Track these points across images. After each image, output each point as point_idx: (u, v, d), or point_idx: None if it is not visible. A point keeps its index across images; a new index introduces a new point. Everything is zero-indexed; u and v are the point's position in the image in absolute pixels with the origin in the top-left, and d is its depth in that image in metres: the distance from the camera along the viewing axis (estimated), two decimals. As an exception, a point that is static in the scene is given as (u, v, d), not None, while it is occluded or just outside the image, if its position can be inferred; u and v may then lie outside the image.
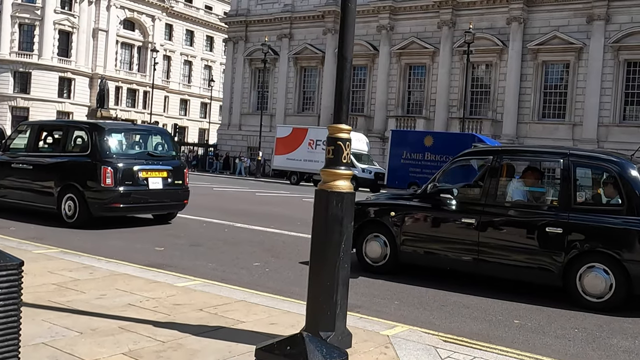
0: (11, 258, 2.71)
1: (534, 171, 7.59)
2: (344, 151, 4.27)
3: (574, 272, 6.60)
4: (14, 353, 2.80)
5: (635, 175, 6.60)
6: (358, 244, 7.94)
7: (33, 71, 56.92)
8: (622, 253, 6.40)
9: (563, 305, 6.66)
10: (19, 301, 2.73)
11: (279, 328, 4.82)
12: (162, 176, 10.87)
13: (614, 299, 6.42)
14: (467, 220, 7.22)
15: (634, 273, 6.33)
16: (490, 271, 7.28)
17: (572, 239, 6.63)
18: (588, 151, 7.72)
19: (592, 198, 7.45)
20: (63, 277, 6.08)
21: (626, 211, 6.53)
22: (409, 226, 7.71)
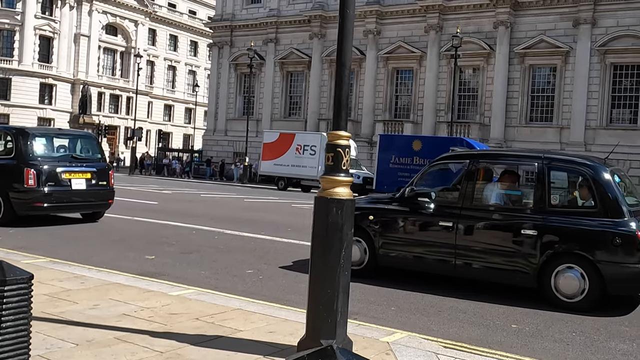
0: (21, 272, 2.65)
1: (510, 174, 7.70)
2: (344, 158, 4.23)
3: (549, 273, 6.71)
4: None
5: (608, 179, 6.72)
6: None
7: (13, 77, 56.31)
8: (595, 254, 6.54)
9: (559, 309, 6.67)
10: (29, 315, 2.67)
11: (278, 336, 4.76)
12: (86, 177, 11.64)
13: (587, 299, 6.55)
14: (445, 223, 7.31)
15: (606, 274, 6.46)
16: (467, 274, 7.37)
17: (546, 241, 6.75)
18: (562, 155, 7.87)
19: (567, 201, 7.54)
20: (54, 288, 5.97)
21: (599, 213, 6.66)
22: (387, 230, 7.77)
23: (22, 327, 2.63)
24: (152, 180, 34.08)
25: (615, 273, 6.48)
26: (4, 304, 2.55)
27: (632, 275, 6.46)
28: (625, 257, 6.47)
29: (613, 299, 6.91)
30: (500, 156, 8.65)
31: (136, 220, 13.05)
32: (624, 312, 6.77)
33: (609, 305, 6.78)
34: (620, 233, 6.45)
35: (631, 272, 6.44)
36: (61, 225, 11.60)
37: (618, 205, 6.59)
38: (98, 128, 51.24)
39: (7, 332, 2.55)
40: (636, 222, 6.55)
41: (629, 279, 6.49)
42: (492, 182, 7.70)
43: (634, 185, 8.03)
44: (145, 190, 24.54)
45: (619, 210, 6.57)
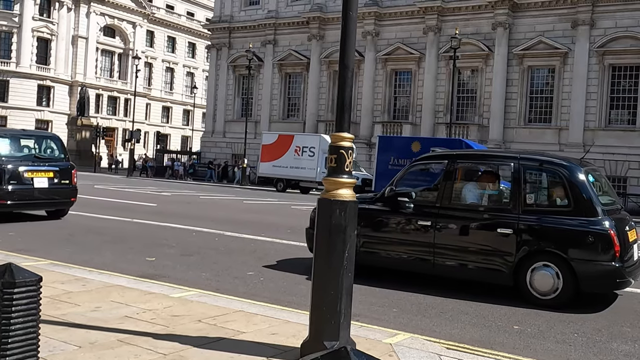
0: (30, 274, 2.64)
1: (487, 174, 7.84)
2: (347, 159, 4.23)
3: (524, 271, 6.85)
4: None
5: (582, 179, 6.86)
6: None
7: (11, 79, 56.22)
8: (569, 252, 6.68)
9: (561, 310, 6.67)
10: (37, 317, 2.66)
11: (281, 338, 4.75)
12: (48, 176, 12.11)
13: (562, 296, 6.69)
14: (423, 222, 7.44)
15: (580, 271, 6.61)
16: (445, 272, 7.49)
17: (521, 240, 6.89)
18: (538, 155, 7.96)
19: (542, 200, 7.64)
20: (55, 290, 5.95)
21: (573, 213, 6.81)
22: (368, 229, 7.84)
23: (32, 329, 2.62)
24: (152, 183, 34.05)
25: (588, 271, 6.62)
26: (13, 306, 2.56)
27: (604, 273, 6.60)
28: (598, 255, 6.61)
29: (589, 296, 7.04)
30: (477, 157, 8.78)
31: (135, 222, 13.04)
32: (598, 309, 6.86)
33: (583, 302, 6.89)
34: (594, 232, 6.60)
35: (604, 270, 6.58)
36: (44, 224, 11.59)
37: (592, 205, 6.73)
38: (96, 130, 51.14)
39: (17, 335, 2.55)
40: (610, 221, 6.69)
41: (602, 276, 6.63)
42: (469, 182, 7.84)
43: (610, 185, 8.18)
44: (143, 192, 24.52)
45: (592, 209, 6.72)
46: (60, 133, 58.46)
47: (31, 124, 56.98)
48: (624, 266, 6.64)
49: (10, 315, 2.59)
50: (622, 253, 6.62)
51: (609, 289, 7.07)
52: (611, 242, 6.55)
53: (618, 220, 6.95)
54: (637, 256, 7.11)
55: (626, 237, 6.85)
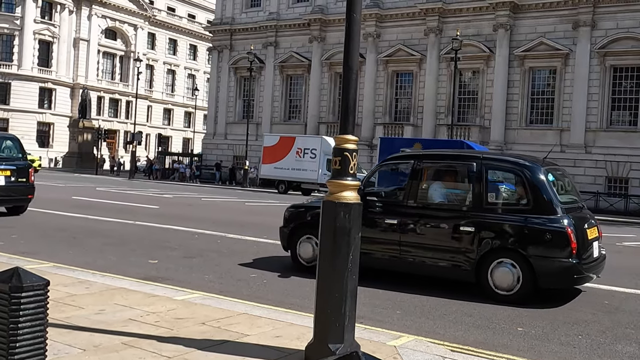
0: (37, 278, 2.64)
1: (451, 174, 8.08)
2: (351, 162, 4.23)
3: (486, 268, 7.05)
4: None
5: (542, 178, 7.07)
6: (292, 245, 8.45)
7: (13, 82, 56.26)
8: (527, 250, 6.89)
9: (564, 312, 6.67)
10: (45, 321, 2.66)
11: (285, 340, 4.75)
12: (5, 174, 12.84)
13: (521, 291, 6.88)
14: (390, 221, 7.64)
15: (538, 268, 6.83)
16: (412, 269, 7.70)
17: (483, 237, 7.10)
18: (500, 155, 8.21)
19: (503, 199, 7.75)
20: (59, 293, 5.94)
21: (533, 211, 7.02)
22: None
23: (39, 333, 2.62)
24: (154, 185, 34.06)
25: (546, 267, 6.83)
26: (21, 311, 2.55)
27: (561, 270, 6.80)
28: (556, 252, 6.82)
29: (553, 292, 7.30)
30: (441, 157, 8.93)
31: (138, 225, 13.04)
32: (557, 304, 6.98)
33: (544, 297, 7.11)
34: (551, 229, 6.81)
35: (561, 266, 6.78)
36: (45, 226, 11.59)
37: (550, 204, 6.93)
38: (98, 132, 51.16)
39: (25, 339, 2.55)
40: (568, 219, 6.88)
41: (559, 273, 6.83)
42: (434, 181, 8.05)
43: (573, 184, 8.37)
44: (145, 194, 24.53)
45: (551, 208, 6.92)
46: (62, 135, 58.65)
47: (33, 126, 57.09)
48: (581, 263, 6.82)
49: (18, 319, 2.59)
50: (579, 250, 6.80)
51: (567, 284, 7.25)
52: (568, 239, 6.74)
53: (577, 218, 7.14)
54: (597, 253, 7.34)
55: (585, 235, 7.04)
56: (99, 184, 30.32)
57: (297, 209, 8.77)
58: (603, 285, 8.41)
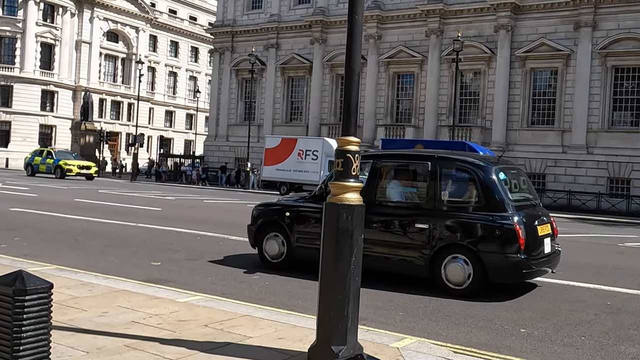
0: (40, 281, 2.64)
1: (408, 173, 8.34)
2: (353, 163, 4.23)
3: (439, 263, 7.32)
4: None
5: (492, 177, 7.34)
6: (259, 242, 8.77)
7: (15, 84, 56.36)
8: (478, 245, 7.16)
9: (566, 314, 6.66)
10: (48, 324, 2.66)
11: (287, 342, 4.75)
12: None
13: (472, 286, 7.15)
14: None
15: (488, 263, 7.09)
16: (371, 265, 7.69)
17: (436, 234, 7.40)
18: (453, 154, 8.40)
19: (456, 197, 7.90)
20: (62, 295, 5.95)
21: (484, 208, 7.28)
22: (301, 225, 8.43)
23: (43, 336, 2.62)
24: (156, 187, 34.09)
25: (495, 262, 7.09)
26: (25, 314, 2.55)
27: (510, 265, 7.06)
28: (505, 248, 7.07)
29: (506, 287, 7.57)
30: (398, 156, 9.12)
31: (140, 227, 13.05)
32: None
33: (494, 292, 7.33)
34: (500, 226, 7.07)
35: (510, 261, 7.04)
36: (48, 228, 11.60)
37: (500, 201, 7.20)
38: (100, 134, 51.21)
39: (28, 342, 2.55)
40: (518, 216, 7.14)
41: (508, 267, 7.10)
42: (392, 180, 8.28)
43: (529, 183, 8.60)
44: (147, 196, 24.55)
45: (501, 205, 7.18)
46: (64, 138, 58.75)
47: (35, 129, 57.17)
48: (529, 258, 7.08)
49: (21, 322, 2.59)
50: (528, 246, 7.05)
51: (516, 279, 7.46)
52: (516, 236, 6.99)
53: (528, 215, 7.38)
54: (550, 249, 7.64)
55: (535, 232, 7.32)
56: (101, 186, 30.35)
57: (264, 208, 9.10)
58: (605, 286, 8.42)
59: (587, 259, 11.81)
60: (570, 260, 11.26)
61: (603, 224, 23.64)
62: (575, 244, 14.74)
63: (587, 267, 10.49)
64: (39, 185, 27.78)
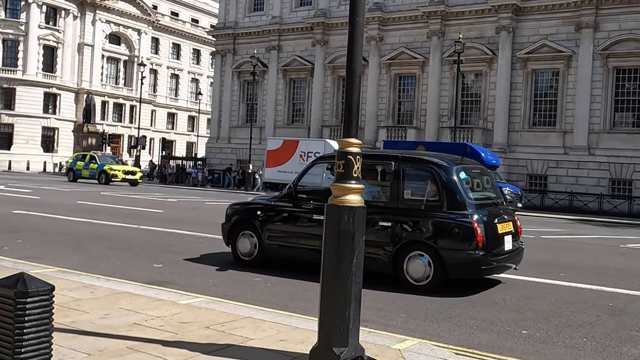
0: (42, 283, 2.65)
1: (372, 173, 8.31)
2: (355, 165, 4.23)
3: (401, 260, 7.57)
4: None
5: (453, 177, 7.58)
6: (232, 240, 9.01)
7: (17, 87, 56.43)
8: (438, 243, 7.41)
9: (568, 315, 6.66)
10: (50, 326, 2.67)
11: (289, 344, 4.75)
12: None
13: (433, 282, 7.40)
14: (318, 217, 8.00)
15: (447, 260, 7.33)
16: None
17: (399, 232, 7.63)
18: (416, 154, 8.70)
19: (418, 196, 8.09)
20: (64, 297, 5.96)
21: (444, 207, 7.52)
22: (271, 223, 8.70)
23: (44, 338, 2.63)
24: (158, 189, 34.12)
25: (454, 259, 7.33)
26: (26, 316, 2.56)
27: (469, 261, 7.30)
28: (463, 245, 7.30)
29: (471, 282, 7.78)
30: (364, 157, 9.26)
31: (142, 229, 13.06)
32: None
33: (455, 288, 7.54)
34: (459, 224, 7.32)
35: (468, 258, 7.28)
36: (51, 231, 11.62)
37: (460, 200, 7.45)
38: (102, 137, 51.30)
39: (30, 344, 2.56)
40: (478, 214, 7.38)
41: (466, 264, 7.34)
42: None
43: (492, 182, 8.77)
44: (150, 198, 24.57)
45: (460, 204, 7.43)
46: (67, 140, 58.89)
47: (38, 131, 57.24)
48: (487, 255, 7.30)
49: (23, 324, 2.59)
50: (486, 243, 7.28)
51: (474, 275, 7.68)
52: (474, 233, 7.22)
53: (488, 214, 7.63)
54: (511, 246, 7.83)
55: (495, 229, 7.54)
56: (103, 189, 30.38)
57: (237, 207, 9.35)
58: (607, 287, 8.41)
59: (589, 260, 11.80)
60: (572, 262, 11.26)
61: (605, 225, 23.61)
62: (577, 245, 14.73)
63: (589, 269, 10.47)
64: (41, 187, 27.84)
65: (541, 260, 11.02)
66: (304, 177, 8.71)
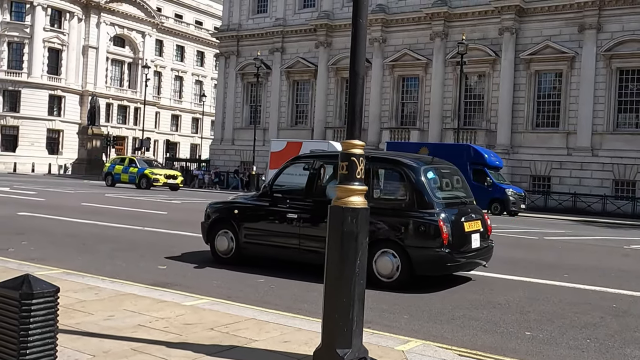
0: (47, 285, 2.67)
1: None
2: (358, 167, 4.24)
3: (371, 257, 7.38)
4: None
5: (421, 177, 7.77)
6: (211, 239, 9.25)
7: (22, 89, 56.67)
8: (405, 241, 7.62)
9: (572, 316, 6.65)
10: (55, 328, 2.68)
11: (293, 346, 4.76)
12: None
13: (401, 278, 7.58)
14: (291, 215, 8.40)
15: (414, 257, 7.53)
16: (309, 259, 8.32)
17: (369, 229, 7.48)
18: (385, 154, 8.87)
19: (387, 194, 8.43)
20: (69, 299, 5.98)
21: (412, 206, 7.71)
22: (247, 222, 8.94)
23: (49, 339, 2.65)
24: (162, 191, 34.18)
25: (420, 256, 7.53)
26: (31, 317, 2.58)
27: (435, 258, 7.50)
28: (429, 242, 7.51)
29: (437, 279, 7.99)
30: (335, 156, 9.77)
31: (146, 230, 13.10)
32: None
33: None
34: (425, 222, 7.53)
35: (434, 255, 7.49)
36: (56, 233, 11.67)
37: (427, 199, 7.65)
38: (106, 139, 51.44)
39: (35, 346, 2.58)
40: (445, 213, 7.59)
41: (432, 261, 7.54)
42: (329, 179, 8.75)
43: (463, 181, 8.93)
44: (154, 200, 24.63)
45: (427, 203, 7.63)
46: (72, 142, 59.05)
47: (43, 133, 57.45)
48: (453, 252, 7.52)
49: (28, 326, 2.61)
50: (452, 241, 7.49)
51: (440, 272, 7.87)
52: (439, 231, 7.43)
53: (455, 213, 7.83)
54: (479, 244, 8.02)
55: (462, 228, 7.74)
56: (108, 190, 30.46)
57: (215, 206, 9.60)
58: (611, 288, 8.40)
59: (592, 261, 11.79)
60: (576, 263, 11.25)
61: (608, 227, 23.56)
62: (580, 247, 14.71)
63: (593, 270, 10.46)
64: (46, 189, 27.93)
65: (545, 261, 11.02)
66: (280, 176, 8.96)
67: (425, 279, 7.95)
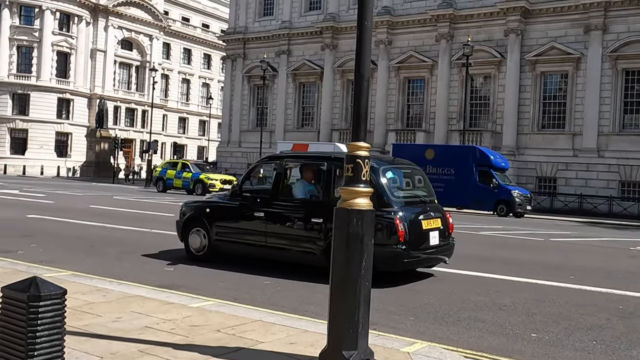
0: (54, 287, 2.71)
1: (307, 172, 8.93)
2: (363, 169, 4.27)
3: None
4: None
5: (380, 176, 7.99)
6: (185, 236, 9.58)
7: (32, 93, 56.98)
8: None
9: (578, 318, 6.64)
10: (62, 330, 2.72)
11: (299, 347, 4.79)
12: None
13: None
14: (258, 214, 8.71)
15: (375, 253, 7.50)
16: (275, 256, 8.72)
17: (329, 227, 7.73)
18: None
19: None
20: (77, 301, 6.03)
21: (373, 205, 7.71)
22: (218, 221, 9.24)
23: (57, 341, 2.68)
24: (168, 193, 34.28)
25: (378, 253, 7.46)
26: (39, 319, 2.61)
27: (391, 255, 7.72)
28: (386, 240, 7.68)
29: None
30: (300, 157, 9.90)
31: (154, 233, 13.16)
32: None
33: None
34: (382, 220, 7.60)
35: (391, 252, 7.70)
36: (64, 235, 11.73)
37: (385, 199, 7.83)
38: (114, 141, 51.64)
39: (43, 347, 2.61)
40: (402, 212, 7.86)
41: (389, 257, 7.70)
42: (294, 178, 9.12)
43: (426, 181, 9.17)
44: (161, 202, 24.71)
45: (385, 202, 7.79)
46: (80, 145, 59.36)
47: (51, 136, 57.74)
48: (410, 249, 7.79)
49: (36, 328, 2.64)
50: (409, 238, 7.75)
51: (397, 268, 8.09)
52: (395, 229, 7.69)
53: (412, 211, 8.09)
54: (437, 241, 8.29)
55: (419, 226, 8.02)
56: (116, 193, 30.58)
57: (189, 205, 9.89)
58: (617, 290, 8.39)
59: (598, 262, 11.76)
60: (582, 264, 11.22)
61: (615, 228, 23.46)
62: (586, 248, 14.66)
63: (599, 271, 10.43)
64: (55, 192, 28.08)
65: (551, 263, 11.01)
66: (251, 177, 9.25)
67: (432, 282, 7.96)
